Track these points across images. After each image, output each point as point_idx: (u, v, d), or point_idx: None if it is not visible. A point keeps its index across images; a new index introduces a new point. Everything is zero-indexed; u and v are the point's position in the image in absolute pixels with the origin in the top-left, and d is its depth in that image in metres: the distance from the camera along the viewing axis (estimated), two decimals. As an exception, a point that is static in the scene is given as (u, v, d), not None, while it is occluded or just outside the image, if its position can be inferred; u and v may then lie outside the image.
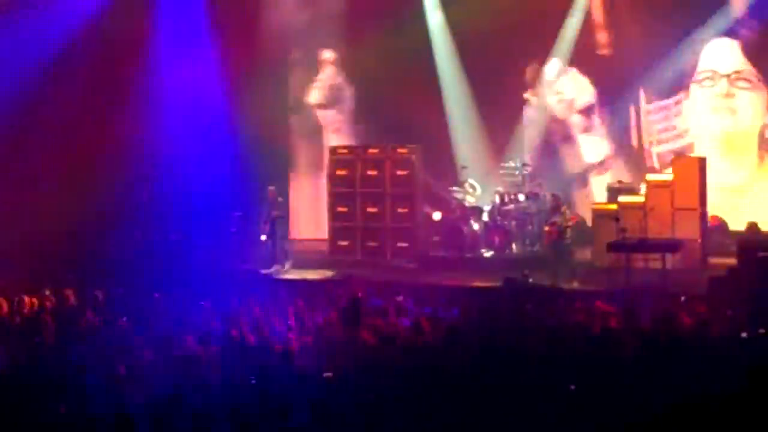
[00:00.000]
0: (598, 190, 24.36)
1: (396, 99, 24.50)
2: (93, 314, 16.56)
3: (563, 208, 21.55)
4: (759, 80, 23.70)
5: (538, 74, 25.14)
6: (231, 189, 24.40)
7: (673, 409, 10.38)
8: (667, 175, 22.06)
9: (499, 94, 24.86)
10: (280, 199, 23.80)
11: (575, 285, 19.88)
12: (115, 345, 14.57)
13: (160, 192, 24.82)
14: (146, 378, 12.94)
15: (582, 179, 25.06)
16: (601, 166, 24.92)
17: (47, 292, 17.82)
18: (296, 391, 12.01)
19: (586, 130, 25.10)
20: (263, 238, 23.47)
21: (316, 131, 27.26)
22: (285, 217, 24.02)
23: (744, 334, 14.58)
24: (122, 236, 23.17)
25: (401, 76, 24.59)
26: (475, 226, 22.92)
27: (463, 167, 23.96)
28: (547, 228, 21.08)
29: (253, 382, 12.40)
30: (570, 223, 21.45)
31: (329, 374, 12.60)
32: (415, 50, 24.99)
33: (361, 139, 26.06)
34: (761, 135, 23.76)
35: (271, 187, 23.76)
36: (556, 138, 25.34)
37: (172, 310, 17.10)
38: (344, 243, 24.31)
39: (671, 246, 20.34)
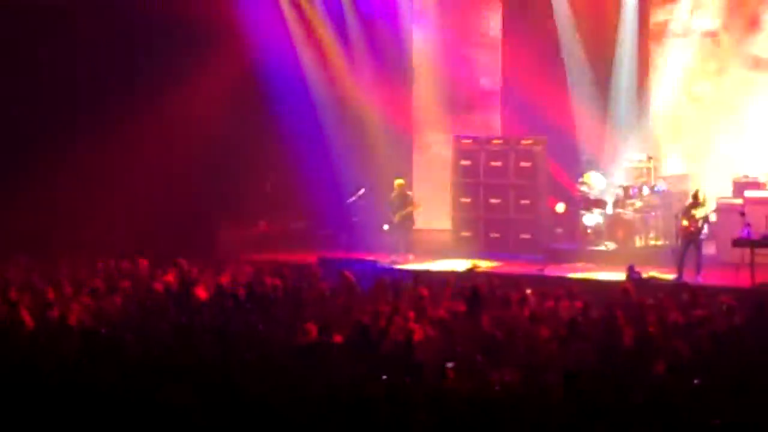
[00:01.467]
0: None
1: (525, 89, 24.39)
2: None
3: (702, 200, 20.66)
4: None
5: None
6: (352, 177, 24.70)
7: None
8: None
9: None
10: (409, 192, 23.87)
11: (699, 280, 19.66)
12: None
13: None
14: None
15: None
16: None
17: None
18: (418, 382, 12.09)
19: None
20: (386, 227, 23.63)
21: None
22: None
23: None
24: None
25: (530, 66, 24.39)
26: (599, 219, 22.81)
27: (588, 160, 23.81)
28: (686, 222, 20.34)
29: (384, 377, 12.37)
30: (710, 219, 20.63)
31: (451, 364, 12.68)
32: (545, 40, 24.76)
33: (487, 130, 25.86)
34: None
35: (400, 180, 23.85)
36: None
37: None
38: (467, 234, 24.37)
39: (797, 241, 19.98)
